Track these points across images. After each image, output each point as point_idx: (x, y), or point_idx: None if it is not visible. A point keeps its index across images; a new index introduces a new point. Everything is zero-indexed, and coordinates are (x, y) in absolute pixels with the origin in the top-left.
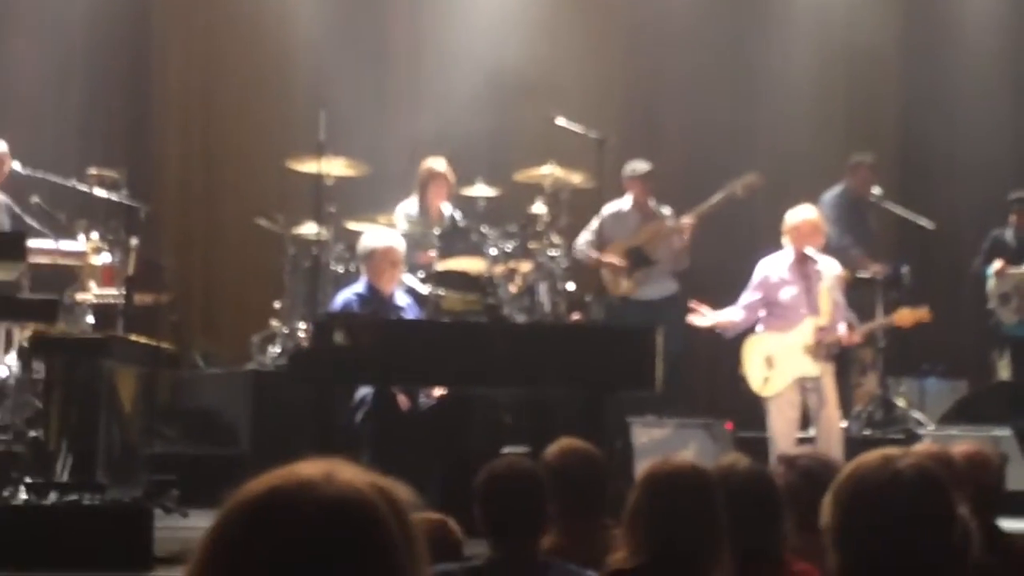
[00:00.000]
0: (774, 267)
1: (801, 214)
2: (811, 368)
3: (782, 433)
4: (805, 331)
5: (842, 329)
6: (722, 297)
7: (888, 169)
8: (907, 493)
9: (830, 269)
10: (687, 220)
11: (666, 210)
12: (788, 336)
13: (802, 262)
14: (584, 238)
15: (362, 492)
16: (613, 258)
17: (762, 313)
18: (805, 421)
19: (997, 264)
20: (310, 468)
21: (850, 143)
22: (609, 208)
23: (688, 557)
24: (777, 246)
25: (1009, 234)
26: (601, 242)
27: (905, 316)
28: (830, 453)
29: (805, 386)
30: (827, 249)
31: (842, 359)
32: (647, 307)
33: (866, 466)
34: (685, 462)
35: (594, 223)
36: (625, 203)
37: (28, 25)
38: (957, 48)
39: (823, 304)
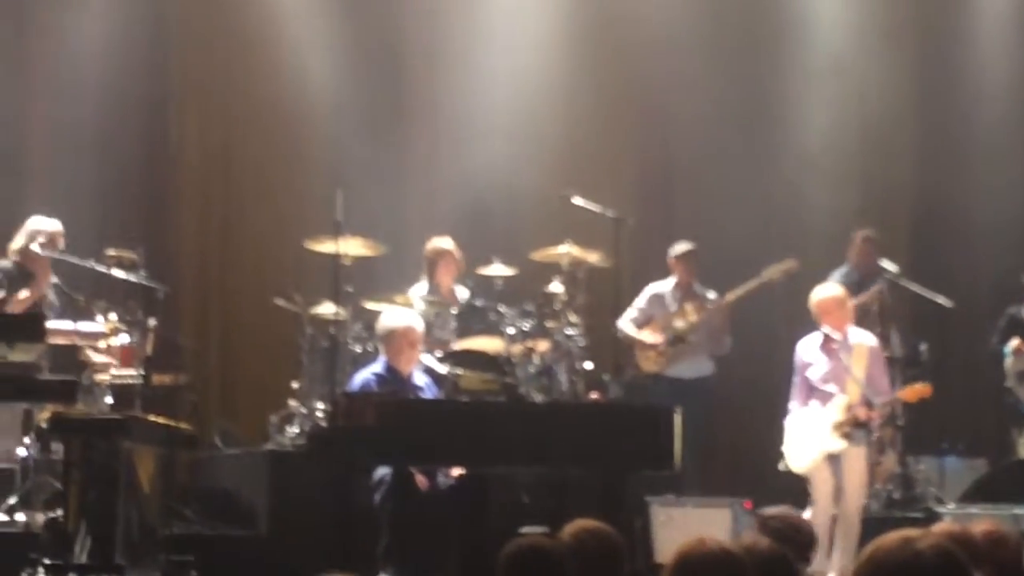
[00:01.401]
0: (806, 347)
1: (822, 292)
2: (834, 444)
3: (821, 503)
4: (833, 408)
5: (865, 407)
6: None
7: (904, 246)
8: (929, 574)
9: (862, 342)
10: (724, 302)
11: (710, 293)
12: (819, 414)
13: (829, 339)
14: (627, 315)
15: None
16: (651, 336)
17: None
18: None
19: (1015, 342)
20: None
21: (865, 219)
22: (652, 288)
23: None
24: (794, 324)
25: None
26: (643, 321)
27: (908, 392)
28: (847, 532)
29: (835, 462)
30: None
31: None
32: (677, 385)
33: (886, 548)
34: (717, 544)
35: (638, 302)
36: (668, 283)
37: (44, 105)
38: (973, 122)
39: (852, 380)
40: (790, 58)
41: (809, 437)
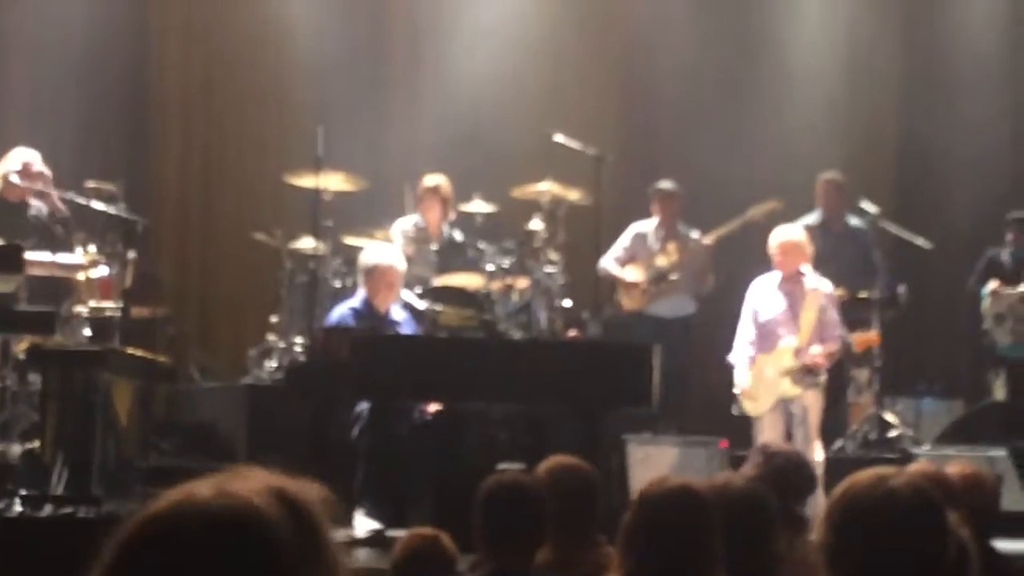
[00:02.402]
0: (762, 288)
1: (782, 235)
2: (789, 390)
3: None
4: (784, 353)
5: (815, 351)
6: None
7: (885, 189)
8: (901, 512)
9: (818, 288)
10: (706, 241)
11: (693, 232)
12: (770, 357)
13: (788, 282)
14: (610, 254)
15: (249, 504)
16: (633, 274)
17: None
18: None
19: (992, 284)
20: (203, 485)
21: (848, 161)
22: (635, 226)
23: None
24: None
25: (1005, 254)
26: (625, 259)
27: (858, 340)
28: None
29: (788, 408)
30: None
31: (836, 381)
32: (658, 324)
33: (859, 485)
34: (679, 482)
35: (621, 240)
36: (651, 222)
37: (25, 38)
38: (956, 67)
39: (803, 325)
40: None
41: (760, 381)
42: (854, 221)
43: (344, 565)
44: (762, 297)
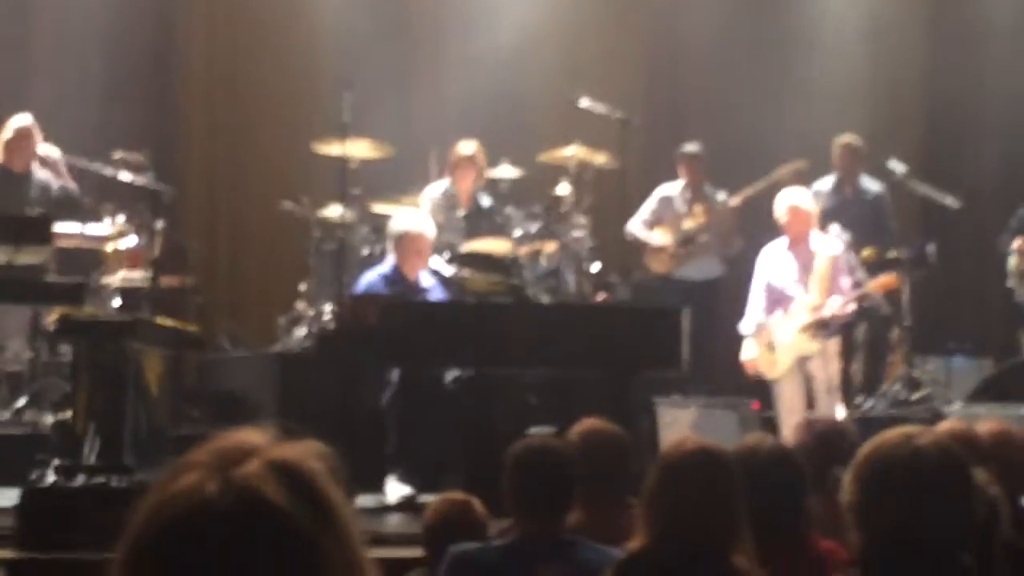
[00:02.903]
0: (771, 254)
1: (787, 200)
2: (807, 347)
3: (788, 413)
4: (798, 311)
5: (832, 305)
6: None
7: (913, 147)
8: (928, 470)
9: (827, 249)
10: (732, 203)
11: (720, 194)
12: (785, 319)
13: (796, 245)
14: (637, 218)
15: (257, 494)
16: (660, 237)
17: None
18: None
19: (1017, 242)
20: (205, 469)
21: (875, 121)
22: (661, 189)
23: (704, 540)
24: None
25: None
26: (652, 222)
27: (875, 285)
28: None
29: (808, 372)
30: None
31: (845, 339)
32: (686, 286)
33: (887, 444)
34: (700, 444)
35: (647, 204)
36: (677, 184)
37: (50, 7)
38: (985, 23)
39: (815, 284)
40: None
41: (779, 342)
42: (869, 184)
43: (354, 523)
44: (772, 263)
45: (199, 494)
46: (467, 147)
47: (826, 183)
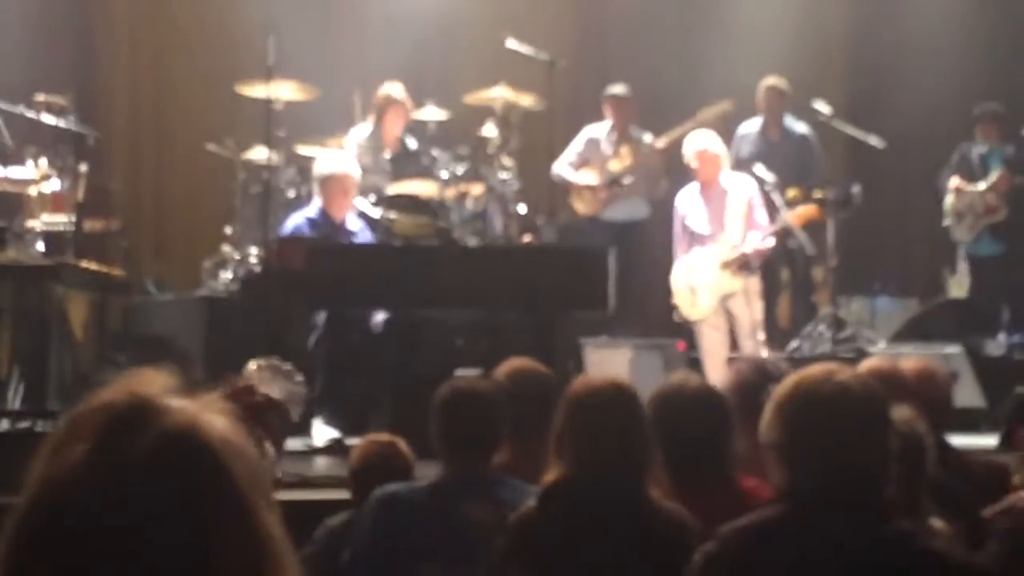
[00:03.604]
0: (685, 196)
1: (693, 145)
2: (730, 284)
3: (710, 353)
4: (716, 251)
5: (752, 240)
6: None
7: (838, 88)
8: (849, 405)
9: (741, 187)
10: (658, 144)
11: (646, 135)
12: (703, 260)
13: (709, 187)
14: (563, 159)
15: (142, 480)
16: (587, 178)
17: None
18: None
19: (955, 181)
20: (84, 446)
21: (801, 63)
22: (587, 130)
23: (615, 471)
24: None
25: (975, 150)
26: (579, 164)
27: (795, 217)
28: None
29: (729, 307)
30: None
31: (770, 280)
32: (612, 228)
33: (808, 381)
34: (606, 379)
35: (573, 145)
36: (603, 126)
37: None
38: None
39: (732, 222)
40: None
41: (700, 282)
42: (794, 125)
43: (261, 506)
44: (687, 206)
45: (82, 477)
46: (395, 89)
47: (751, 125)
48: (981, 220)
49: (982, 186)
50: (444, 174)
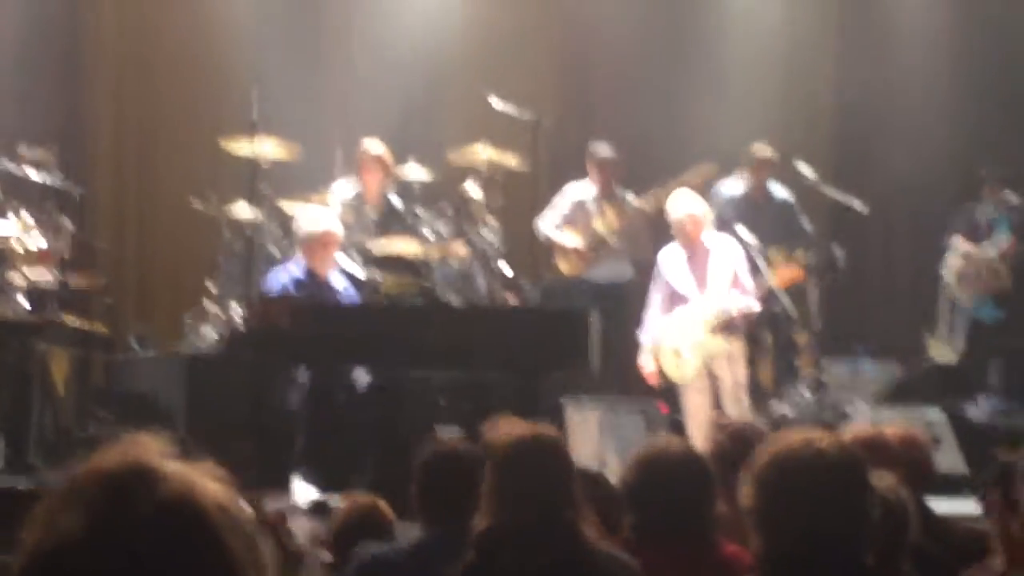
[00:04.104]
0: (668, 258)
1: (677, 205)
2: (715, 347)
3: (693, 415)
4: (701, 312)
5: (737, 302)
6: None
7: (823, 151)
8: (828, 472)
9: (725, 249)
10: (644, 205)
11: (631, 196)
12: (688, 322)
13: (691, 247)
14: (547, 217)
15: (139, 547)
16: (571, 239)
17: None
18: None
19: (960, 241)
20: (82, 510)
21: (785, 125)
22: (572, 189)
23: (541, 516)
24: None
25: (980, 210)
26: (563, 224)
27: (779, 279)
28: None
29: (713, 369)
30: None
31: (753, 343)
32: (596, 288)
33: (787, 447)
34: (528, 431)
35: (558, 203)
36: (588, 186)
37: None
38: (895, 30)
39: (716, 283)
40: None
41: (686, 344)
42: (776, 189)
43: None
44: (670, 266)
45: (80, 544)
46: (375, 146)
47: (733, 186)
48: (986, 284)
49: (991, 251)
50: (428, 232)
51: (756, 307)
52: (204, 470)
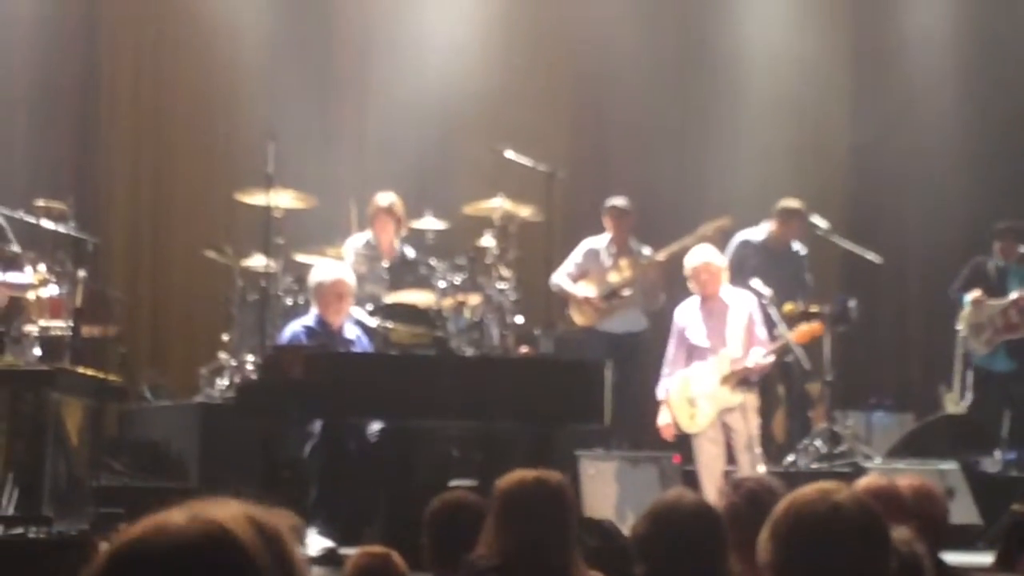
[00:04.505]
0: (686, 312)
1: (698, 259)
2: (729, 398)
3: (707, 466)
4: (716, 364)
5: (753, 356)
6: None
7: (835, 204)
8: (845, 526)
9: (742, 302)
10: (658, 257)
11: (645, 248)
12: (703, 373)
13: (709, 301)
14: (562, 270)
15: (223, 528)
16: (585, 290)
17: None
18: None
19: (975, 293)
20: (177, 512)
21: (798, 177)
22: (587, 242)
23: (539, 553)
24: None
25: (990, 264)
26: (577, 275)
27: (799, 335)
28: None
29: (726, 421)
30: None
31: (767, 394)
32: (609, 339)
33: (803, 500)
34: (529, 474)
35: (573, 256)
36: (603, 238)
37: None
38: (908, 85)
39: (732, 336)
40: (728, 19)
41: (699, 395)
42: (795, 245)
43: None
44: (687, 320)
45: (166, 523)
46: (384, 198)
47: (755, 233)
48: (1000, 335)
49: (1005, 301)
50: (442, 284)
51: (770, 361)
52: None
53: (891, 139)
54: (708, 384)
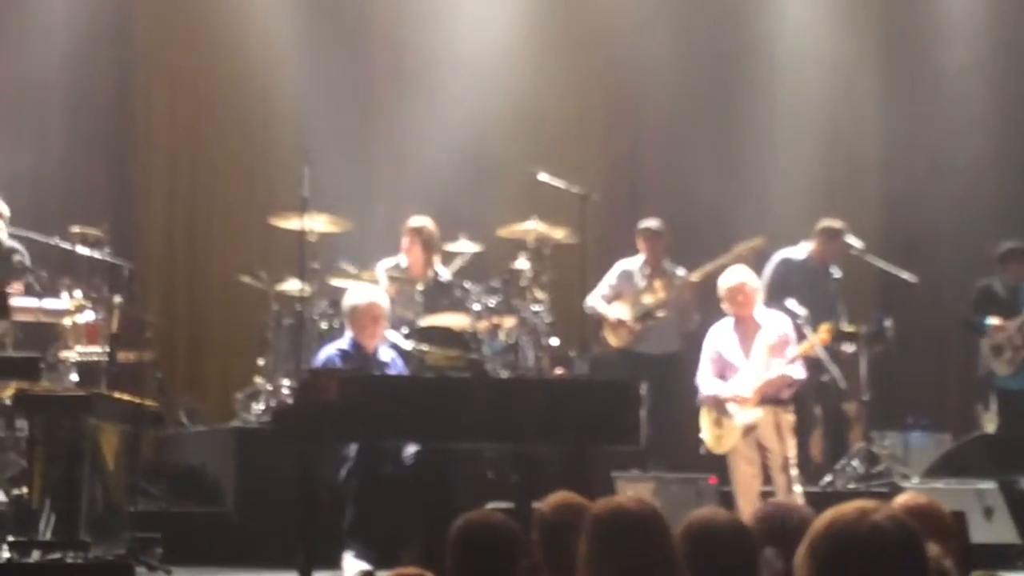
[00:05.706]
0: (719, 333)
1: (732, 280)
2: (753, 415)
3: (742, 486)
4: (742, 382)
5: (779, 368)
6: None
7: (870, 222)
8: (885, 546)
9: (775, 323)
10: (692, 278)
11: (679, 269)
12: (730, 389)
13: (743, 322)
14: (596, 292)
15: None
16: (620, 312)
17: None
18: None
19: (995, 319)
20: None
21: (833, 196)
22: (621, 264)
23: None
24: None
25: (997, 284)
26: (612, 297)
27: (822, 335)
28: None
29: (761, 440)
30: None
31: (803, 414)
32: (644, 361)
33: (842, 519)
34: (628, 500)
35: (607, 278)
36: (637, 259)
37: (7, 80)
38: (940, 103)
39: (761, 355)
40: (758, 35)
41: (726, 417)
42: (832, 268)
43: None
44: (722, 341)
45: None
46: (416, 220)
47: (796, 252)
48: (1020, 353)
49: (1021, 319)
50: (476, 306)
51: (798, 375)
52: None
53: (925, 155)
54: (733, 403)
